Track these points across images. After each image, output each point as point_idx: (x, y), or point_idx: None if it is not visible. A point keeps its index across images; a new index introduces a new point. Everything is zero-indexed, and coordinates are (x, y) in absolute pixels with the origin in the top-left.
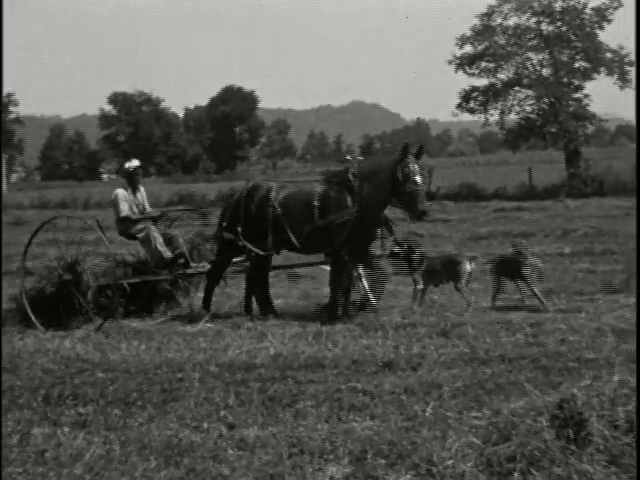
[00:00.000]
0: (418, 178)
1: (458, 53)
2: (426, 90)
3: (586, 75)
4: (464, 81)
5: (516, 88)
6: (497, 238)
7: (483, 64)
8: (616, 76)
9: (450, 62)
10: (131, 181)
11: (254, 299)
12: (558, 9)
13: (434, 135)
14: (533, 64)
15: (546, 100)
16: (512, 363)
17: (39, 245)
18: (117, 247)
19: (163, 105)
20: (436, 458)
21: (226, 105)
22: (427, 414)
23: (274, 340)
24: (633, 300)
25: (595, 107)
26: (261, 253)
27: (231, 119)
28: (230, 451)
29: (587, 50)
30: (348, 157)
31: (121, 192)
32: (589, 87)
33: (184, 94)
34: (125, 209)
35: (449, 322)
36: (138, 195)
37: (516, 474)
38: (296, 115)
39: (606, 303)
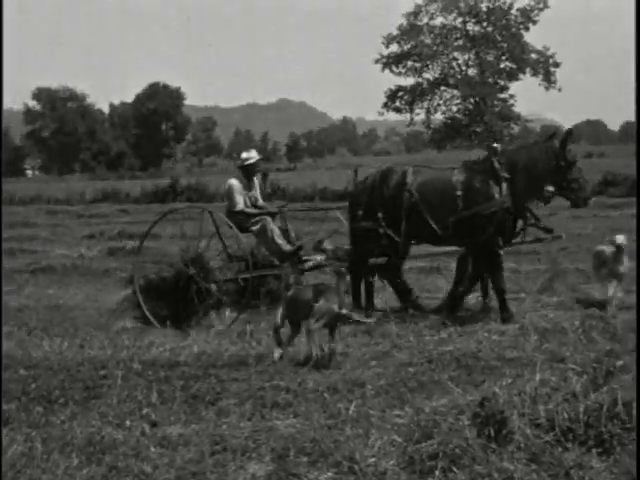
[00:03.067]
0: (579, 165)
1: (385, 52)
2: (353, 89)
3: (511, 75)
4: (390, 80)
5: (442, 88)
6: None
7: (409, 63)
8: (541, 77)
9: (377, 61)
10: (247, 174)
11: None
12: (484, 9)
13: (360, 134)
14: (459, 64)
15: (472, 100)
16: (435, 362)
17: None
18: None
19: (88, 101)
20: (358, 456)
21: (152, 102)
22: (350, 412)
23: (198, 338)
24: (556, 299)
25: (520, 107)
26: (398, 241)
27: (157, 116)
28: (152, 449)
29: (513, 50)
30: (495, 145)
31: (236, 183)
32: (514, 87)
33: (109, 90)
34: (240, 202)
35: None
36: (253, 188)
37: (437, 472)
38: (222, 113)
39: (530, 302)
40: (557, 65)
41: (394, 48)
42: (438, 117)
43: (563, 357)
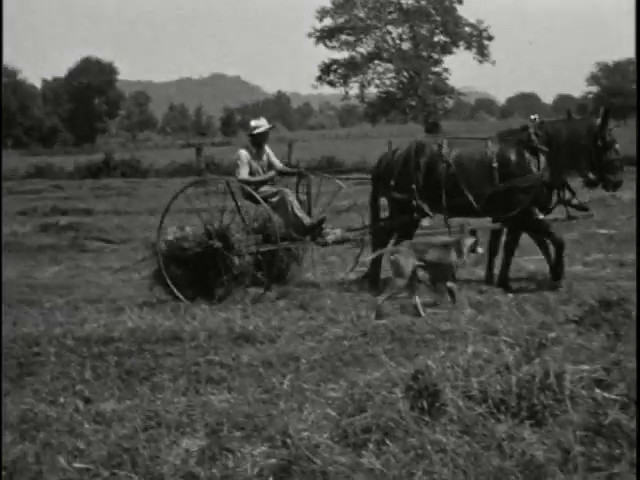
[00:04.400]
0: (618, 146)
1: (318, 26)
2: (287, 63)
3: (445, 49)
4: (324, 54)
5: (376, 62)
6: (360, 211)
7: (343, 37)
8: (475, 50)
9: (310, 35)
10: (256, 142)
11: None
12: None
13: (295, 108)
14: (393, 38)
15: (406, 74)
16: (369, 335)
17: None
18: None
19: (20, 76)
20: (292, 430)
21: (84, 77)
22: (284, 386)
23: (132, 314)
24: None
25: (454, 81)
26: (431, 215)
27: (90, 91)
28: (86, 425)
29: (446, 24)
30: (532, 117)
31: (244, 154)
32: (448, 61)
33: (42, 65)
34: (244, 173)
35: (307, 295)
36: (264, 156)
37: (371, 445)
38: (156, 88)
39: (466, 275)
40: (490, 39)
41: (328, 22)
42: (372, 91)
43: (496, 329)
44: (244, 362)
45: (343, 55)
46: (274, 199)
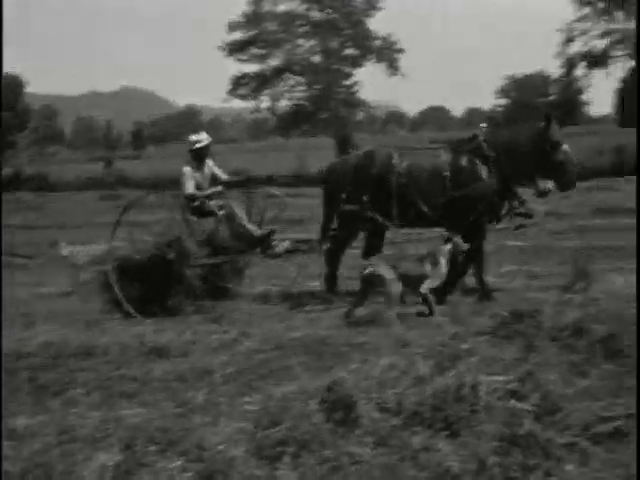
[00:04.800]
0: (566, 146)
1: (228, 39)
2: (198, 76)
3: (356, 62)
4: (235, 67)
5: (287, 74)
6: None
7: (253, 50)
8: (385, 63)
9: (220, 48)
10: (196, 156)
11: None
12: None
13: (206, 121)
14: (303, 51)
15: (317, 87)
16: (284, 348)
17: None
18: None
19: None
20: (207, 444)
21: None
22: (199, 400)
23: (45, 328)
24: None
25: (365, 94)
26: (389, 225)
27: None
28: None
29: (356, 37)
30: (482, 125)
31: (187, 169)
32: (359, 74)
33: None
34: (190, 187)
35: (220, 308)
36: (205, 170)
37: (286, 458)
38: (66, 101)
39: None
40: (400, 51)
41: (238, 35)
42: (283, 104)
43: (410, 341)
44: (157, 376)
45: (254, 68)
46: (221, 212)
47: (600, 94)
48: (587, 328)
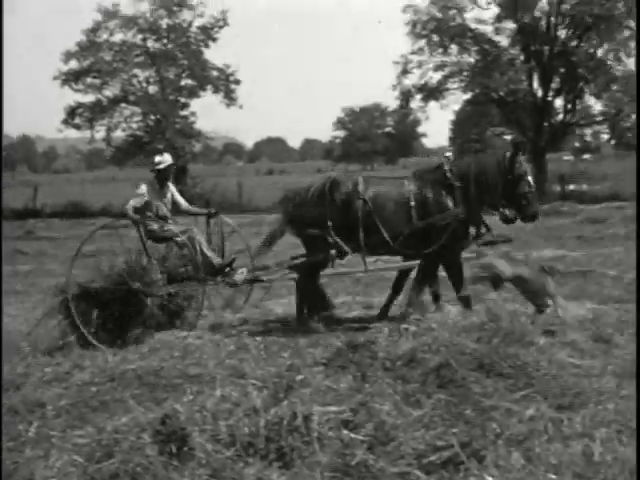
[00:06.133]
0: (531, 178)
1: (64, 69)
2: (31, 106)
3: (192, 93)
4: (70, 97)
5: (123, 105)
6: (105, 255)
7: (89, 80)
8: (222, 94)
9: (55, 78)
10: (159, 178)
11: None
12: (164, 26)
13: (40, 152)
14: (140, 81)
15: (153, 117)
16: (117, 380)
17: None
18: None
19: None
20: (38, 477)
21: None
22: (30, 434)
23: None
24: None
25: (202, 124)
26: (351, 253)
27: None
28: None
29: (193, 68)
30: (447, 154)
31: (143, 188)
32: (195, 105)
33: None
34: (129, 206)
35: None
36: (168, 194)
37: None
38: None
39: (213, 318)
40: (238, 82)
41: (74, 65)
42: (119, 134)
43: (244, 372)
44: None
45: (89, 98)
46: (180, 238)
47: (437, 126)
48: (421, 358)
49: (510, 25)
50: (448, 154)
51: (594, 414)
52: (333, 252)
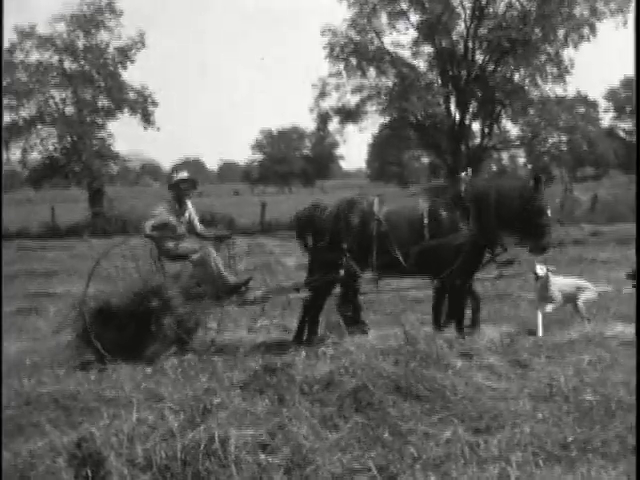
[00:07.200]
0: (550, 212)
1: None
2: None
3: (109, 114)
4: None
5: (39, 126)
6: (21, 277)
7: (5, 101)
8: (140, 115)
9: None
10: (177, 195)
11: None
12: (81, 47)
13: None
14: (56, 102)
15: (69, 139)
16: (33, 404)
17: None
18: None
19: None
20: None
21: None
22: None
23: None
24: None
25: (119, 146)
26: (360, 275)
27: None
28: None
29: (111, 89)
30: (464, 173)
31: (159, 208)
32: (113, 126)
33: None
34: (146, 227)
35: None
36: (186, 213)
37: None
38: None
39: None
40: (155, 104)
41: None
42: (35, 156)
43: (161, 396)
44: None
45: (5, 119)
46: (195, 256)
47: (355, 149)
48: (338, 381)
49: (428, 49)
50: (463, 175)
51: (510, 437)
52: (346, 271)
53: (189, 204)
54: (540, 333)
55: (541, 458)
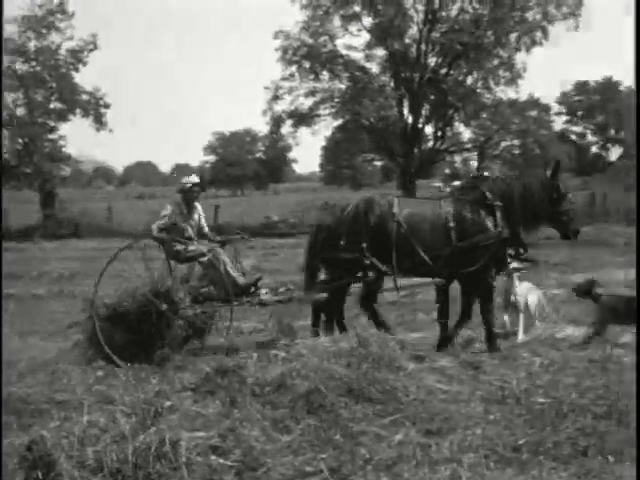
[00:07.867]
0: (571, 196)
1: None
2: None
3: (61, 116)
4: None
5: None
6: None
7: None
8: (92, 118)
9: None
10: (185, 198)
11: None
12: (32, 49)
13: None
14: (8, 104)
15: (20, 141)
16: None
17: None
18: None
19: None
20: None
21: None
22: None
23: None
24: None
25: (71, 148)
26: (388, 273)
27: None
28: None
29: (62, 91)
30: (486, 174)
31: (169, 208)
32: (65, 128)
33: None
34: (154, 227)
35: None
36: (195, 215)
37: None
38: None
39: None
40: (107, 107)
41: None
42: None
43: (113, 399)
44: None
45: None
46: (204, 258)
47: (308, 152)
48: (290, 383)
49: (381, 52)
50: (486, 174)
51: (462, 439)
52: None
53: (198, 207)
54: (520, 336)
55: (493, 460)
